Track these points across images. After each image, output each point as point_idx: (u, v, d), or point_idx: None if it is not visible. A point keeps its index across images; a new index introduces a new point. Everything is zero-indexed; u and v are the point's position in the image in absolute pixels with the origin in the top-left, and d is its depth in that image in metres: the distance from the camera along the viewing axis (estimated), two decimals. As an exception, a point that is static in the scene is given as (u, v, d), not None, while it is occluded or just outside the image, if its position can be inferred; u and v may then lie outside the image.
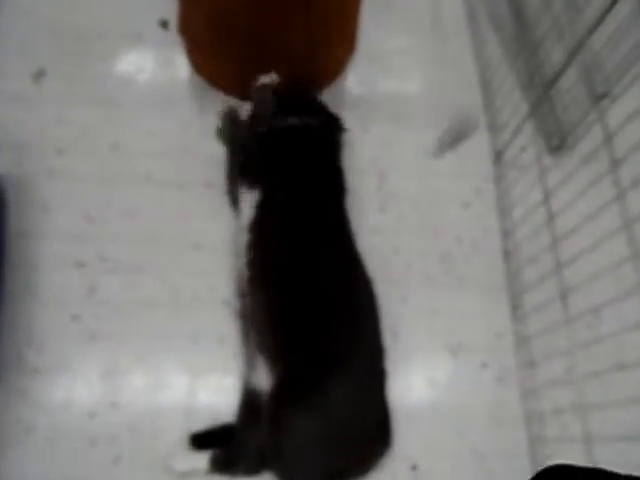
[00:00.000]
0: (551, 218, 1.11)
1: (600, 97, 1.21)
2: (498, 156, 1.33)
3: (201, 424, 1.04)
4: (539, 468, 0.60)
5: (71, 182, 1.23)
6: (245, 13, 1.12)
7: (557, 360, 1.10)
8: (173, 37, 1.38)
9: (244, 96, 1.32)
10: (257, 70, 1.25)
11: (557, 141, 1.33)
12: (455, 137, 1.33)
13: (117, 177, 1.24)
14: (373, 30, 1.45)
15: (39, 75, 1.35)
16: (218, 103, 1.33)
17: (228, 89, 1.32)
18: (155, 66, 1.39)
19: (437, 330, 1.18)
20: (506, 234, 1.26)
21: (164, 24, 1.42)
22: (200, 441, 1.02)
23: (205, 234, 1.19)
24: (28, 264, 1.14)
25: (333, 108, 1.36)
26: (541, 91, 1.31)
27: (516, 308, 1.20)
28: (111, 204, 1.22)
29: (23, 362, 1.07)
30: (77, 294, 1.13)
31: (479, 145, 1.37)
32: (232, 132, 1.23)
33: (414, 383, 1.13)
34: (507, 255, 1.24)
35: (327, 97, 1.37)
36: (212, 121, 1.24)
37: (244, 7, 1.11)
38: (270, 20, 1.14)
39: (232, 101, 1.26)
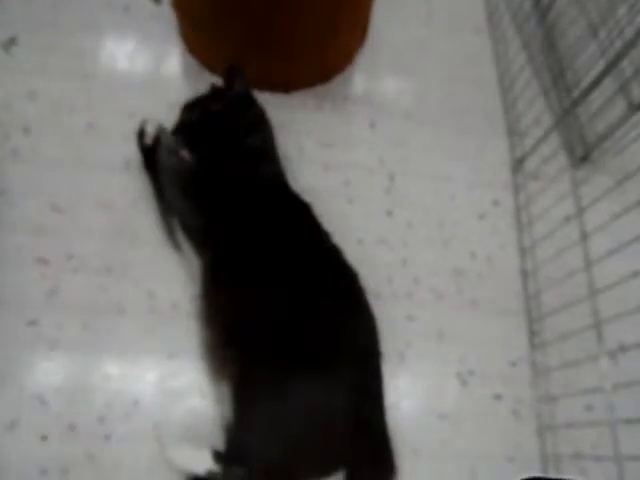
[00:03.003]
0: (582, 237, 0.99)
1: (636, 107, 1.10)
2: (518, 165, 1.21)
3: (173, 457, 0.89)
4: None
5: (38, 166, 1.07)
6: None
7: (579, 397, 0.98)
8: (164, 11, 1.26)
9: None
10: (258, 54, 1.11)
11: (582, 152, 1.22)
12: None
13: (91, 162, 1.09)
14: (384, 20, 1.33)
15: (10, 43, 1.19)
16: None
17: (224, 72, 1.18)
18: (142, 42, 1.24)
19: (447, 355, 1.05)
20: (524, 252, 1.14)
21: (155, -4, 1.27)
22: None
23: (189, 233, 1.05)
24: (-20, 257, 0.98)
25: (340, 101, 1.24)
26: (569, 104, 1.20)
27: (534, 335, 1.07)
28: (83, 193, 1.06)
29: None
30: (36, 295, 0.97)
31: (497, 151, 1.24)
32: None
33: (420, 414, 1.00)
34: (525, 275, 1.12)
35: (333, 89, 1.25)
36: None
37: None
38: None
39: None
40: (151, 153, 1.03)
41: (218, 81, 1.17)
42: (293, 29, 1.05)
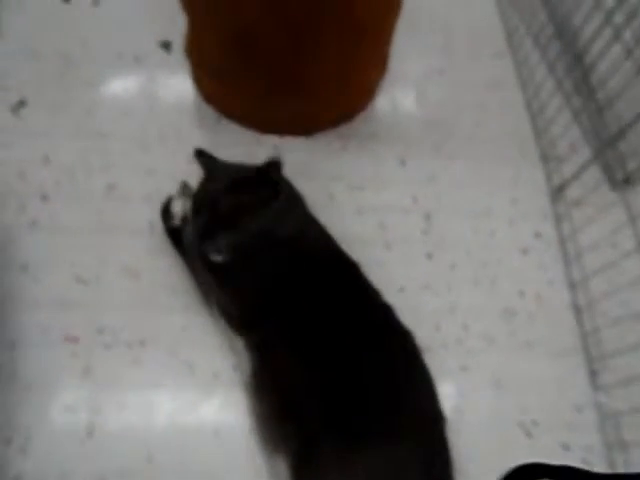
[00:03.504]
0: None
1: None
2: (557, 193, 1.16)
3: None
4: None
5: (58, 235, 1.01)
6: (272, 33, 0.94)
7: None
8: (177, 60, 1.21)
9: (263, 129, 1.13)
10: (279, 98, 1.06)
11: (622, 175, 1.17)
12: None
13: (114, 227, 1.03)
14: (402, 51, 1.28)
15: (19, 106, 1.14)
16: (231, 136, 1.14)
17: (244, 120, 1.13)
18: (155, 94, 1.19)
19: (506, 405, 0.98)
20: (574, 286, 1.08)
21: (166, 45, 1.22)
22: None
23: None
24: (5, 340, 0.92)
25: (366, 140, 1.19)
26: (610, 137, 1.15)
27: (596, 375, 1.01)
28: (107, 261, 1.00)
29: (2, 468, 0.85)
30: (69, 377, 0.91)
31: (533, 179, 1.19)
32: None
33: (486, 472, 0.93)
34: (579, 311, 1.06)
35: (357, 128, 1.20)
36: (223, 157, 1.04)
37: (271, 26, 0.92)
38: (300, 40, 0.96)
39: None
40: (179, 232, 0.98)
41: (236, 129, 1.13)
42: (316, 68, 1.00)
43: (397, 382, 0.83)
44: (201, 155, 1.00)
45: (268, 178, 0.89)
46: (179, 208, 1.01)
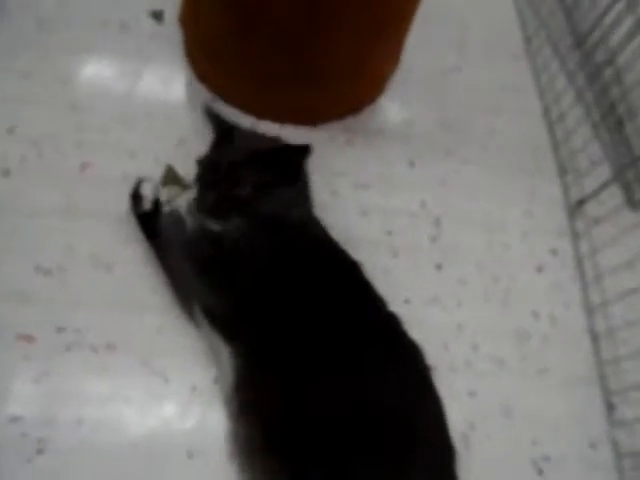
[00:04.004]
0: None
1: None
2: (576, 209, 1.07)
3: None
4: None
5: (18, 216, 0.87)
6: (287, 6, 0.82)
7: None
8: (168, 31, 1.09)
9: (262, 115, 1.02)
10: (285, 83, 0.95)
11: (640, 195, 1.09)
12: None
13: (86, 212, 0.90)
14: (416, 46, 1.18)
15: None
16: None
17: (241, 104, 1.01)
18: (142, 66, 1.06)
19: (517, 437, 0.88)
20: (592, 310, 0.99)
21: (157, 15, 1.10)
22: None
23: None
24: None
25: (373, 136, 1.08)
26: (629, 161, 1.08)
27: (612, 409, 0.92)
28: (75, 251, 0.87)
29: None
30: (20, 382, 0.77)
31: (550, 192, 1.10)
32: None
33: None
34: (596, 338, 0.97)
35: (364, 121, 1.09)
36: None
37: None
38: (319, 19, 0.85)
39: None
40: (151, 219, 0.85)
41: (233, 114, 1.01)
42: (331, 53, 0.90)
43: (405, 407, 0.72)
44: (211, 113, 0.90)
45: (293, 160, 0.80)
46: (151, 192, 0.88)
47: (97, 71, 1.05)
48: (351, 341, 0.74)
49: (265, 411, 0.70)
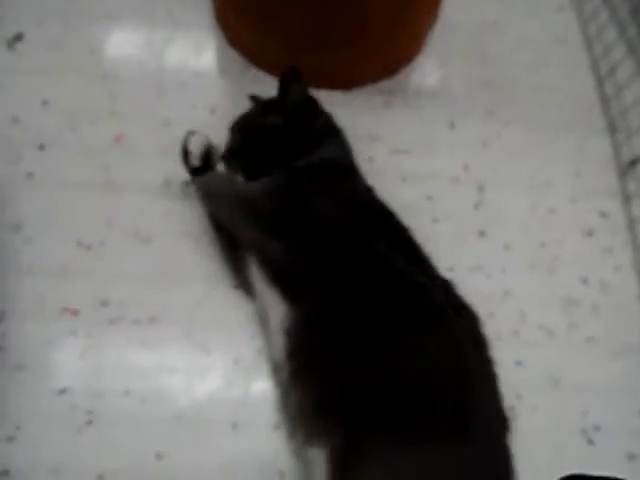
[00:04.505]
0: None
1: None
2: (627, 169, 1.02)
3: None
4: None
5: (57, 191, 0.87)
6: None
7: None
8: (198, -5, 1.05)
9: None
10: (319, 44, 0.91)
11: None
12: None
13: (122, 185, 0.89)
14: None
15: (15, 40, 0.99)
16: (258, 87, 0.99)
17: (275, 69, 0.98)
18: (171, 32, 1.04)
19: (566, 407, 0.86)
20: (644, 274, 0.95)
21: (186, -23, 1.06)
22: None
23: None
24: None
25: (411, 97, 1.04)
26: None
27: (666, 378, 0.89)
28: (115, 224, 0.87)
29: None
30: (66, 356, 0.78)
31: (599, 151, 1.05)
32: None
33: (542, 484, 0.82)
34: (649, 304, 0.93)
35: (402, 83, 1.05)
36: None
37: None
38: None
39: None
40: (202, 174, 0.83)
41: (266, 80, 0.98)
42: (368, 11, 0.85)
43: (461, 374, 0.70)
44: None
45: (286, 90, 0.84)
46: (197, 147, 0.86)
47: (126, 38, 1.03)
48: (410, 305, 0.72)
49: (323, 373, 0.70)
